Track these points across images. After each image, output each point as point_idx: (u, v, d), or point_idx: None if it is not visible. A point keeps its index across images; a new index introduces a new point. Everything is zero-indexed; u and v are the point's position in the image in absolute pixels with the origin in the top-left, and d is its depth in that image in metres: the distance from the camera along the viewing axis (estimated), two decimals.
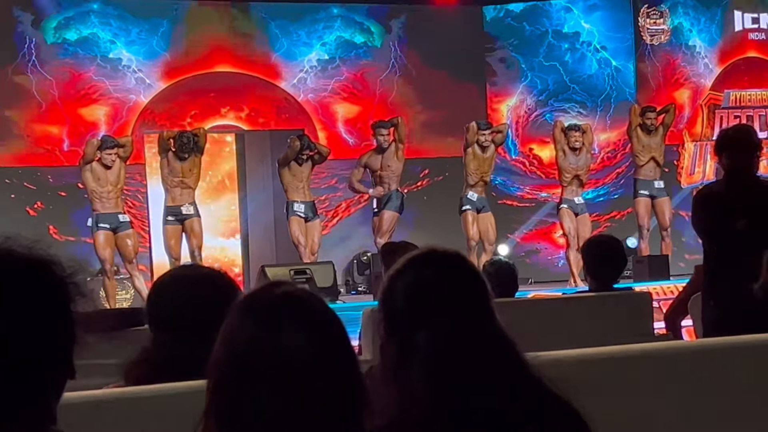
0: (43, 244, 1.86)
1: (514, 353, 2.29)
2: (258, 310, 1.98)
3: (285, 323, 1.94)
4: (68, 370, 1.84)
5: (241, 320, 1.97)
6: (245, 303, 2.00)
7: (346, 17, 15.89)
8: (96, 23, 14.89)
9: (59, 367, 1.83)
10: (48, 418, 1.82)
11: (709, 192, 5.63)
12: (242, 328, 1.95)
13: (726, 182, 5.63)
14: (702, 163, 16.87)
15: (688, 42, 16.76)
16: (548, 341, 3.05)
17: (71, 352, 1.83)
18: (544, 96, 16.48)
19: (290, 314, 1.96)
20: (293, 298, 1.99)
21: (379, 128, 13.85)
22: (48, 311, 1.81)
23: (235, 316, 1.98)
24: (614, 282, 6.57)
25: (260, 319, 1.95)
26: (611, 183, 16.49)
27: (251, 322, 1.95)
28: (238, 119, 15.59)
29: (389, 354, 2.28)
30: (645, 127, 14.41)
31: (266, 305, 1.98)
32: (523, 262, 14.66)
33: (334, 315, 2.01)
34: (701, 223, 5.58)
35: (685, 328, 7.11)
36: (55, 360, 1.81)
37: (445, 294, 2.30)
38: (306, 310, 1.98)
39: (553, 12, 16.62)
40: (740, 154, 5.72)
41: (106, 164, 12.79)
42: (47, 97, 14.55)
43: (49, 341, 1.80)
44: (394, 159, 13.80)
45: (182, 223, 13.19)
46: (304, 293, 2.02)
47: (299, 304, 1.99)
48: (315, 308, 2.00)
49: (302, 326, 1.95)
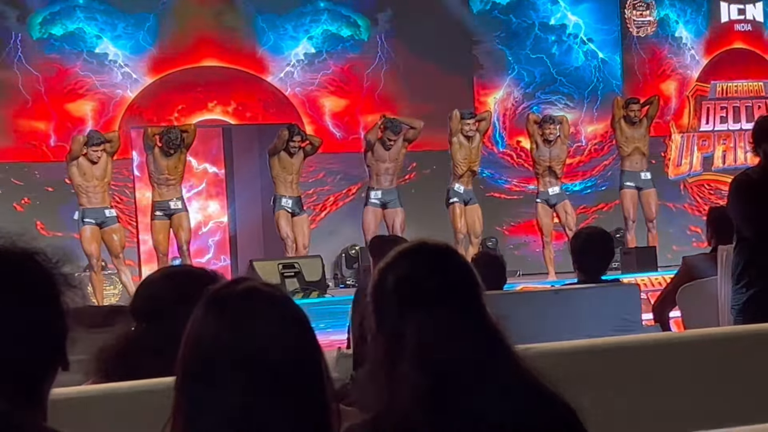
0: (27, 237, 1.85)
1: (505, 345, 2.30)
2: (220, 305, 1.98)
3: (246, 318, 1.95)
4: (61, 361, 1.84)
5: (204, 316, 1.97)
6: (208, 299, 2.00)
7: (332, 11, 15.86)
8: (82, 18, 14.84)
9: (52, 359, 1.82)
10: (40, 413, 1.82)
11: (750, 179, 5.53)
12: (205, 324, 1.96)
13: (766, 169, 5.52)
14: (689, 154, 16.90)
15: (674, 33, 16.78)
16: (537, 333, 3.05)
17: (64, 343, 1.83)
18: (531, 88, 16.48)
19: (252, 309, 1.96)
20: (255, 293, 1.99)
21: (389, 131, 13.73)
22: (37, 301, 1.81)
23: (199, 313, 1.98)
24: (602, 274, 6.58)
25: (222, 314, 1.96)
26: (598, 175, 16.51)
27: (213, 317, 1.96)
28: (225, 113, 15.56)
29: (379, 347, 2.28)
30: (629, 119, 14.43)
31: (228, 300, 1.98)
32: (511, 254, 14.67)
33: (296, 309, 2.02)
34: (743, 211, 5.49)
35: (673, 320, 7.13)
36: (47, 352, 1.81)
37: (435, 287, 2.30)
38: (268, 305, 1.98)
39: (539, 4, 16.62)
40: None
41: (92, 160, 12.78)
42: (33, 92, 14.50)
43: (41, 332, 1.80)
44: (402, 153, 13.83)
45: (170, 218, 13.18)
46: (266, 287, 2.03)
47: (261, 298, 1.99)
48: (277, 302, 2.00)
49: (264, 320, 1.95)
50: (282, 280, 12.23)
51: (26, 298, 1.80)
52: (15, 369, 1.77)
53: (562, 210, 14.21)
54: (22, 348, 1.78)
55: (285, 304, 2.01)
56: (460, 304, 2.30)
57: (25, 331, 1.78)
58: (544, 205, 14.21)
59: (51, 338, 1.82)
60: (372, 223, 13.64)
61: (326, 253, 13.92)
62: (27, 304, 1.80)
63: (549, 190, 14.21)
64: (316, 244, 13.95)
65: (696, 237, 15.75)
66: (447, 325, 2.26)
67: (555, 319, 5.87)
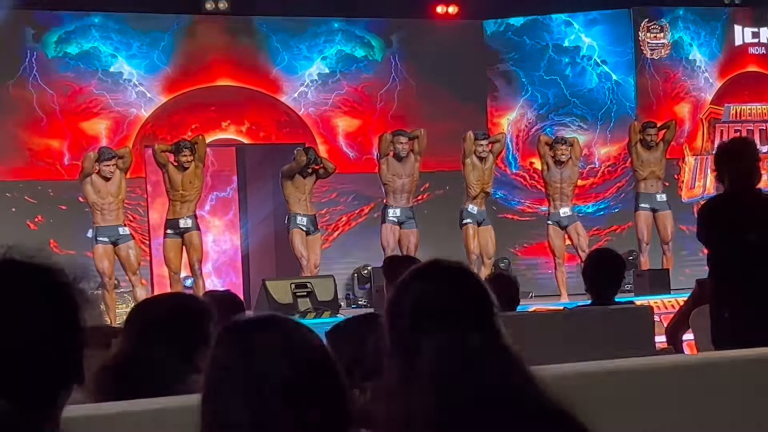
0: (45, 253, 1.86)
1: (520, 367, 2.29)
2: (236, 335, 2.05)
3: (260, 348, 2.00)
4: (78, 376, 1.85)
5: (222, 345, 2.05)
6: (225, 329, 2.08)
7: (346, 31, 15.91)
8: (97, 37, 14.90)
9: (68, 374, 1.83)
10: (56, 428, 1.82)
11: (715, 205, 5.61)
12: (223, 353, 2.03)
13: (730, 195, 5.60)
14: (702, 177, 16.87)
15: (688, 56, 16.78)
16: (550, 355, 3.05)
17: (81, 358, 1.84)
18: (545, 110, 16.49)
19: (266, 339, 2.02)
20: (270, 324, 2.05)
21: (399, 136, 13.88)
22: (56, 317, 1.81)
23: (217, 342, 2.06)
24: (615, 296, 6.57)
25: (237, 343, 2.03)
26: (611, 197, 16.49)
27: (229, 346, 2.03)
28: (239, 133, 15.59)
29: (395, 367, 2.28)
30: (645, 143, 14.44)
31: (243, 331, 2.06)
32: (524, 275, 14.65)
33: (311, 338, 2.05)
34: (709, 237, 5.56)
35: (686, 342, 7.11)
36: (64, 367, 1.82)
37: (450, 306, 2.30)
38: (282, 335, 2.01)
39: (553, 26, 16.64)
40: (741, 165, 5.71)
41: (105, 176, 12.80)
42: (48, 110, 14.55)
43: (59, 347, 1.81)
44: (416, 168, 13.89)
45: (182, 237, 13.18)
46: (282, 319, 2.09)
47: (275, 329, 2.04)
48: (291, 333, 2.03)
49: (277, 351, 1.99)
50: (294, 300, 12.23)
51: (44, 314, 1.81)
52: (32, 383, 1.78)
53: (574, 232, 14.20)
54: (40, 362, 1.78)
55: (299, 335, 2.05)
56: (475, 325, 2.29)
57: (44, 346, 1.79)
58: (555, 227, 14.21)
59: (69, 353, 1.83)
60: (391, 240, 13.69)
61: (338, 273, 13.93)
62: (45, 320, 1.81)
63: (560, 211, 14.21)
64: (328, 263, 13.95)
65: None
66: (463, 345, 2.26)
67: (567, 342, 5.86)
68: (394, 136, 13.94)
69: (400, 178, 13.82)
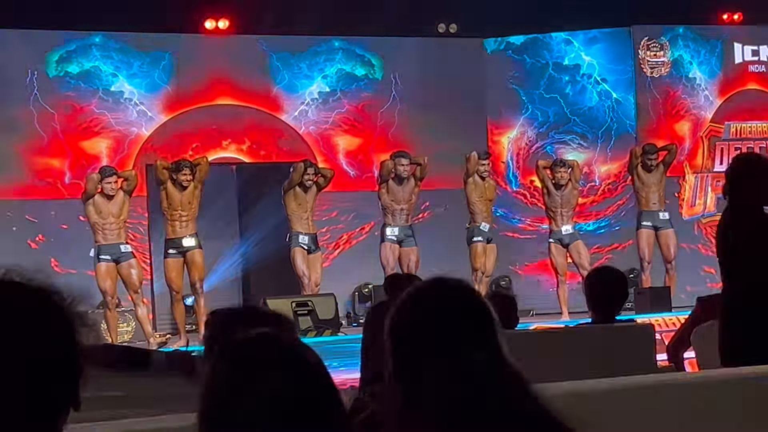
0: (43, 275, 1.86)
1: (523, 385, 2.29)
2: (234, 354, 2.05)
3: (259, 366, 2.00)
4: (74, 401, 1.84)
5: (218, 364, 2.04)
6: (223, 348, 2.07)
7: (347, 50, 15.94)
8: (98, 56, 14.93)
9: (65, 399, 1.82)
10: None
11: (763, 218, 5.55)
12: (220, 372, 2.02)
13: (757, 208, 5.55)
14: (703, 194, 16.87)
15: (688, 74, 16.80)
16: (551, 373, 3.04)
17: (78, 383, 1.83)
18: (545, 128, 16.51)
19: (264, 357, 2.02)
20: (266, 342, 2.05)
21: (400, 158, 13.90)
22: (52, 340, 1.81)
23: (214, 361, 2.05)
24: (616, 314, 6.56)
25: (235, 362, 2.02)
26: (612, 215, 16.49)
27: (227, 365, 2.02)
28: (240, 152, 15.61)
29: (397, 394, 2.28)
30: (645, 166, 14.44)
31: (241, 348, 2.05)
32: (525, 293, 14.63)
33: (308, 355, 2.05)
34: (727, 252, 5.50)
35: (687, 360, 7.09)
36: (61, 391, 1.81)
37: (452, 325, 2.30)
38: (279, 352, 2.01)
39: (553, 44, 16.67)
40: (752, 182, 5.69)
41: (108, 194, 12.77)
42: (49, 130, 14.57)
43: (55, 371, 1.80)
44: (415, 193, 13.92)
45: (183, 256, 13.17)
46: (278, 336, 2.08)
47: (273, 346, 2.04)
48: (288, 349, 2.04)
49: (276, 367, 1.99)
50: (295, 318, 12.22)
51: (41, 337, 1.80)
52: (28, 407, 1.77)
53: (575, 250, 14.21)
54: (36, 386, 1.77)
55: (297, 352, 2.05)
56: (477, 343, 2.29)
57: (40, 369, 1.78)
58: (557, 245, 14.22)
59: (65, 377, 1.82)
60: (390, 258, 13.70)
61: (339, 292, 13.92)
62: (42, 343, 1.80)
63: (562, 229, 14.22)
64: (328, 281, 13.95)
65: (710, 278, 15.67)
66: (465, 365, 2.25)
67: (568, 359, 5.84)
68: (396, 157, 13.94)
69: (399, 204, 13.86)
